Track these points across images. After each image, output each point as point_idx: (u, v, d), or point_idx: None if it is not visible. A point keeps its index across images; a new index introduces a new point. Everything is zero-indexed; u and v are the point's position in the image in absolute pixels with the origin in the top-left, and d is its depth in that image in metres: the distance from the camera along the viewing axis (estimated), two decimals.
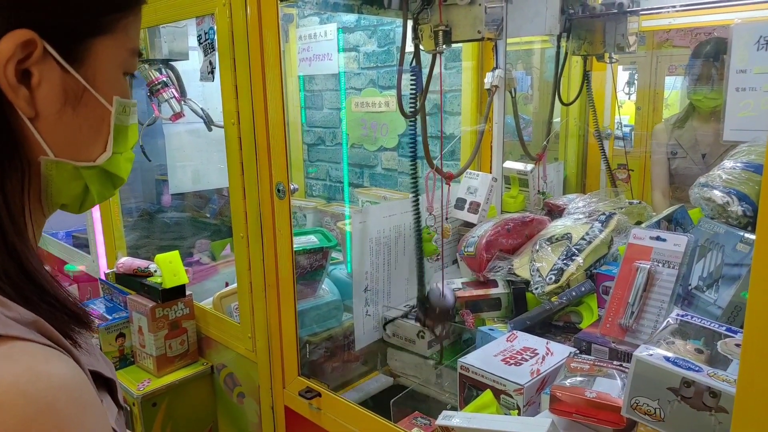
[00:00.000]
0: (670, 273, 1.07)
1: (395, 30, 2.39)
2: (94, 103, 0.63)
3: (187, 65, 2.13)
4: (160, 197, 2.78)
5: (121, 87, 0.66)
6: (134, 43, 0.66)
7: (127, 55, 0.65)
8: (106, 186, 0.70)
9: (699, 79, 1.72)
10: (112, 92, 0.64)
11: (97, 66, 0.62)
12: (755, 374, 0.60)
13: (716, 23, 1.69)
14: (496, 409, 1.06)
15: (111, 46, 0.63)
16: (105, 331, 1.75)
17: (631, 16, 1.62)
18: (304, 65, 2.67)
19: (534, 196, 1.87)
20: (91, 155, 0.65)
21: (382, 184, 2.60)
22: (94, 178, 0.67)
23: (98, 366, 0.62)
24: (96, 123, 0.64)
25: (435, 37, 1.33)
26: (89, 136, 0.64)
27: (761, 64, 1.27)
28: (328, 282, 1.72)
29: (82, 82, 0.61)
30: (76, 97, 0.61)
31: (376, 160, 2.60)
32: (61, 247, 2.67)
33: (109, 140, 0.66)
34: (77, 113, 0.62)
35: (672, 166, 1.86)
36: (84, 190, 0.67)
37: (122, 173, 0.70)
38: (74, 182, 0.65)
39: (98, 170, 0.67)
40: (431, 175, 1.52)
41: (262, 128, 1.35)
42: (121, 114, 0.66)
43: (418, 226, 1.51)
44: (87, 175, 0.66)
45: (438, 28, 1.31)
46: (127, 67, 0.66)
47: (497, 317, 1.47)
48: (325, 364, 1.60)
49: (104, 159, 0.66)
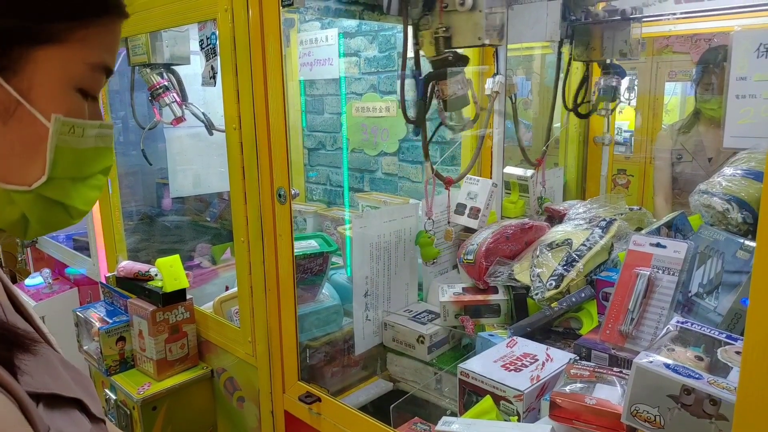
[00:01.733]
0: (670, 280, 1.07)
1: (396, 35, 2.40)
2: (30, 119, 0.55)
3: (189, 69, 2.14)
4: (161, 201, 2.78)
5: (70, 105, 0.57)
6: (96, 58, 0.58)
7: (83, 69, 0.57)
8: (52, 214, 0.60)
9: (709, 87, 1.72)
10: (55, 109, 0.56)
11: (36, 78, 0.54)
12: (756, 382, 0.60)
13: (716, 30, 1.69)
14: (496, 415, 1.06)
15: (58, 57, 0.55)
16: (105, 335, 1.75)
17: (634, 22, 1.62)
18: (305, 70, 2.68)
19: (534, 202, 1.87)
20: (24, 179, 0.56)
21: (383, 189, 2.60)
22: (32, 205, 0.58)
23: (55, 386, 0.57)
24: (31, 142, 0.56)
25: (435, 44, 1.33)
26: (23, 156, 0.56)
27: (761, 72, 1.28)
28: (328, 286, 1.72)
29: (13, 94, 0.53)
30: (6, 111, 0.54)
31: (377, 164, 2.61)
32: (62, 250, 2.67)
33: (47, 163, 0.57)
34: (9, 129, 0.54)
35: (676, 170, 1.86)
36: (22, 217, 0.58)
37: (76, 202, 0.61)
38: (7, 207, 0.57)
39: (34, 196, 0.57)
40: (431, 180, 1.53)
41: (263, 133, 1.36)
42: (68, 135, 0.57)
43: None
44: (21, 200, 0.57)
45: (438, 35, 1.31)
46: (84, 84, 0.58)
47: (497, 323, 1.47)
48: (325, 368, 1.60)
49: (39, 183, 0.57)
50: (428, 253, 1.61)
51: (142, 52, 1.99)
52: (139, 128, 2.22)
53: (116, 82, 2.37)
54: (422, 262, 1.69)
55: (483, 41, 1.27)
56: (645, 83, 1.93)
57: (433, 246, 1.60)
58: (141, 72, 2.06)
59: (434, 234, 1.61)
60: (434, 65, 1.37)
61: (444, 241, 1.70)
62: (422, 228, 1.59)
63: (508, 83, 1.77)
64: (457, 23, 1.31)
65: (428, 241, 1.59)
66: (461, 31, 1.30)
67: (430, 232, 1.59)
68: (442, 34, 1.30)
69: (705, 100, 1.75)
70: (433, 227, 1.59)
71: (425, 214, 1.57)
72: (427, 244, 1.59)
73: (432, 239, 1.59)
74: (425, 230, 1.59)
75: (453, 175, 1.66)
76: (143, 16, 1.67)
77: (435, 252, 1.61)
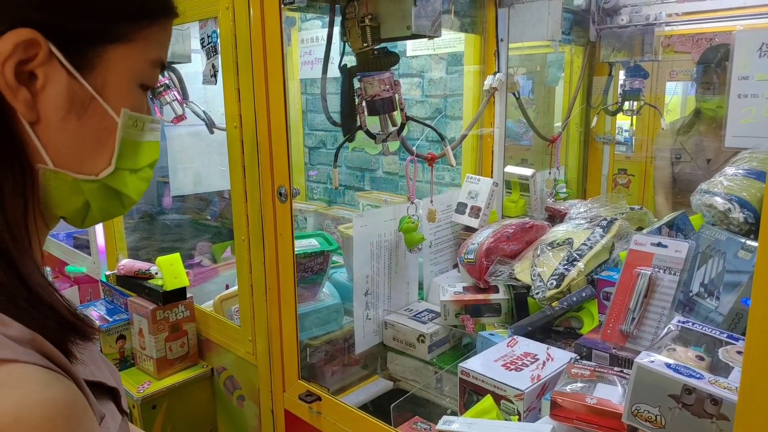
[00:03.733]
0: (671, 279, 1.07)
1: None
2: (102, 113, 0.59)
3: (189, 68, 2.13)
4: (161, 199, 2.78)
5: (134, 99, 0.62)
6: (156, 54, 0.63)
7: (146, 66, 0.62)
8: (111, 203, 0.65)
9: (710, 87, 1.72)
10: (123, 104, 0.60)
11: (109, 75, 0.59)
12: (757, 382, 0.60)
13: (718, 30, 1.69)
14: (497, 415, 1.06)
15: (127, 56, 0.59)
16: (105, 333, 1.75)
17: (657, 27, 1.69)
18: (306, 68, 2.68)
19: (535, 202, 1.87)
20: (93, 168, 0.61)
21: (383, 188, 2.60)
22: (96, 194, 0.63)
23: (100, 375, 0.61)
24: (101, 135, 0.60)
25: (362, 34, 1.19)
26: (93, 148, 0.61)
27: (763, 71, 1.28)
28: (328, 285, 1.72)
29: (89, 90, 0.58)
30: (82, 106, 0.58)
31: (377, 163, 2.60)
32: (62, 248, 2.67)
33: (114, 154, 0.62)
34: (82, 123, 0.59)
35: (675, 170, 1.86)
36: (85, 205, 0.63)
37: (131, 192, 0.66)
38: (74, 196, 0.62)
39: (100, 185, 0.62)
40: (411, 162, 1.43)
41: (264, 131, 1.36)
42: (132, 128, 0.62)
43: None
44: (88, 189, 0.62)
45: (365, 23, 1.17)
46: (145, 79, 0.63)
47: (498, 322, 1.46)
48: (326, 367, 1.60)
49: (106, 174, 0.62)
50: (412, 239, 1.53)
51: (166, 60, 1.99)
52: None
53: None
54: (423, 260, 1.69)
55: (411, 30, 1.15)
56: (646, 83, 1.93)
57: (417, 232, 1.53)
58: None
59: (418, 218, 1.55)
60: (358, 59, 1.25)
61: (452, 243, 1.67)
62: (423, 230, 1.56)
63: (510, 81, 1.77)
64: (384, 11, 1.18)
65: (411, 227, 1.52)
66: (389, 19, 1.18)
67: (413, 218, 1.52)
68: (369, 23, 1.18)
69: (705, 100, 1.74)
70: (416, 212, 1.53)
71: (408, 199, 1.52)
72: (411, 230, 1.52)
73: (416, 225, 1.53)
74: (408, 215, 1.52)
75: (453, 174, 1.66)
76: None
77: (419, 237, 1.53)
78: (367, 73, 1.22)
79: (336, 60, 1.30)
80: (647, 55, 1.75)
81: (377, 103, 1.24)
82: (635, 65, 1.82)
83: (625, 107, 1.87)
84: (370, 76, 1.21)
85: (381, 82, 1.22)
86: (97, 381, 0.59)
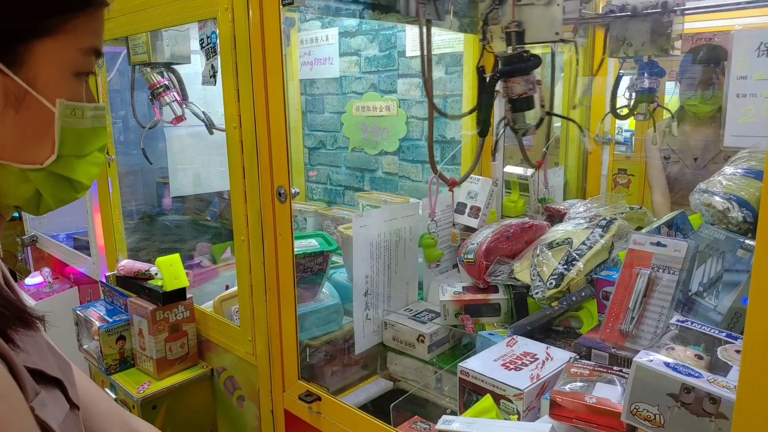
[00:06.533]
0: (670, 278, 1.07)
1: (396, 34, 2.40)
2: (37, 105, 0.62)
3: (189, 69, 2.14)
4: (161, 200, 2.79)
5: (70, 89, 0.65)
6: (87, 42, 0.65)
7: (77, 55, 0.64)
8: (61, 189, 0.68)
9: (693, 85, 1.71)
10: (58, 94, 0.63)
11: (39, 68, 0.61)
12: (755, 381, 0.60)
13: (717, 29, 1.69)
14: (496, 414, 1.06)
15: (56, 48, 0.62)
16: (105, 334, 1.75)
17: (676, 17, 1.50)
18: (306, 69, 2.68)
19: (534, 202, 1.87)
20: (36, 158, 0.64)
21: (383, 188, 2.60)
22: (44, 181, 0.66)
23: (42, 365, 0.63)
24: (40, 125, 0.63)
25: (507, 39, 1.27)
26: (34, 139, 0.63)
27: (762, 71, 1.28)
28: (328, 285, 1.72)
29: (22, 85, 0.60)
30: (17, 100, 0.61)
31: (377, 164, 2.61)
32: (62, 249, 2.67)
33: (55, 143, 0.64)
34: (20, 116, 0.61)
35: (666, 171, 1.86)
36: (35, 193, 0.66)
37: (80, 177, 0.69)
38: (22, 185, 0.65)
39: (46, 173, 0.65)
40: (434, 180, 1.52)
41: (263, 132, 1.36)
42: (70, 117, 0.65)
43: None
44: (35, 177, 0.65)
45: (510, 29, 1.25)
46: (79, 67, 0.65)
47: (497, 322, 1.47)
48: (325, 367, 1.60)
49: (50, 161, 0.65)
50: (431, 255, 1.59)
51: (143, 51, 1.99)
52: (139, 127, 2.22)
53: (117, 81, 2.37)
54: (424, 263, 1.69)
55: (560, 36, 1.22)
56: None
57: (437, 248, 1.59)
58: (141, 71, 2.06)
59: (437, 235, 1.60)
60: (502, 62, 1.32)
61: (450, 243, 1.69)
62: (425, 229, 1.58)
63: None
64: (530, 17, 1.25)
65: (431, 243, 1.57)
66: (536, 26, 1.25)
67: (433, 234, 1.57)
68: (515, 28, 1.25)
69: (687, 97, 1.74)
70: (436, 228, 1.58)
71: (429, 215, 1.56)
72: (430, 246, 1.58)
73: (435, 241, 1.58)
74: (429, 232, 1.57)
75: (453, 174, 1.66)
76: (144, 16, 1.67)
77: (438, 254, 1.59)
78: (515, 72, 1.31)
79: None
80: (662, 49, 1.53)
81: (523, 101, 1.32)
82: (650, 61, 1.63)
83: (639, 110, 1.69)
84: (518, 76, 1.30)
85: (527, 82, 1.30)
86: (37, 369, 0.61)
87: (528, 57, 1.28)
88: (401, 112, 2.42)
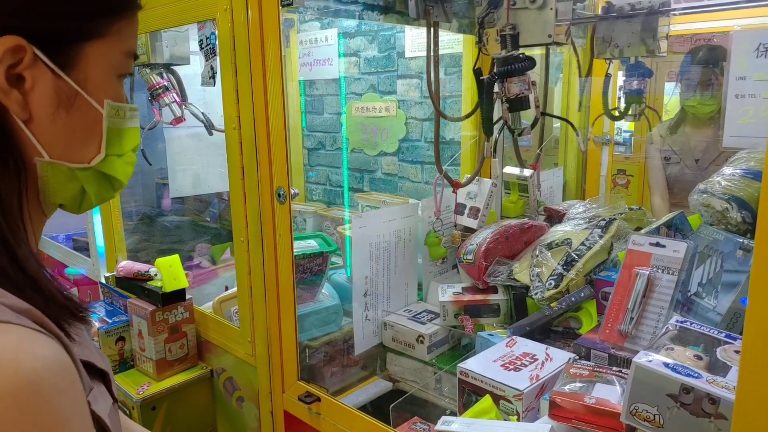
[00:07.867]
0: (669, 279, 1.07)
1: (396, 35, 2.40)
2: (87, 106, 0.65)
3: (188, 69, 2.13)
4: (161, 201, 2.78)
5: (114, 90, 0.67)
6: (128, 45, 0.68)
7: (120, 57, 0.67)
8: (103, 188, 0.71)
9: (692, 86, 1.71)
10: (105, 95, 0.66)
11: (89, 69, 0.64)
12: (755, 381, 0.60)
13: (716, 30, 1.69)
14: (496, 415, 1.06)
15: (103, 50, 0.64)
16: (105, 335, 1.75)
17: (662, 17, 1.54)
18: (305, 70, 2.68)
19: (533, 203, 1.87)
20: (84, 157, 0.67)
21: (382, 189, 2.60)
22: (90, 180, 0.68)
23: (91, 357, 0.64)
24: (89, 125, 0.66)
25: (502, 41, 1.31)
26: (83, 139, 0.66)
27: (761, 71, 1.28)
28: (327, 286, 1.72)
29: (73, 86, 0.63)
30: (69, 101, 0.63)
31: (377, 164, 2.61)
32: (61, 251, 2.67)
33: (102, 142, 0.67)
34: (71, 116, 0.64)
35: (666, 172, 1.86)
36: (81, 191, 0.69)
37: (120, 176, 0.72)
38: (70, 183, 0.67)
39: (93, 172, 0.68)
40: (439, 180, 1.53)
41: (263, 133, 1.36)
42: (114, 117, 0.68)
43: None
44: (82, 176, 0.67)
45: (505, 32, 1.29)
46: (122, 69, 0.68)
47: (496, 323, 1.47)
48: (325, 368, 1.60)
49: (98, 161, 0.68)
50: (436, 253, 1.63)
51: (142, 52, 1.99)
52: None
53: None
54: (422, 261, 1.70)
55: (553, 38, 1.26)
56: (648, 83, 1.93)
57: (441, 246, 1.63)
58: (141, 72, 2.06)
59: (442, 234, 1.63)
60: (498, 63, 1.35)
61: (451, 244, 1.70)
62: (430, 228, 1.62)
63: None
64: (524, 21, 1.29)
65: (436, 241, 1.61)
66: (529, 29, 1.29)
67: (438, 232, 1.61)
68: (509, 32, 1.30)
69: (686, 98, 1.74)
70: (441, 227, 1.61)
71: (434, 214, 1.59)
72: (435, 244, 1.62)
73: (440, 239, 1.62)
74: (434, 230, 1.61)
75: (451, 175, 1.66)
76: (143, 16, 1.65)
77: (443, 252, 1.63)
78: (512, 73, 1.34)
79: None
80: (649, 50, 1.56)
81: (519, 101, 1.35)
82: (636, 62, 1.65)
83: (629, 111, 1.71)
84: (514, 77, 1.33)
85: (523, 82, 1.34)
86: (88, 361, 0.62)
87: (523, 58, 1.32)
88: (401, 113, 2.42)
